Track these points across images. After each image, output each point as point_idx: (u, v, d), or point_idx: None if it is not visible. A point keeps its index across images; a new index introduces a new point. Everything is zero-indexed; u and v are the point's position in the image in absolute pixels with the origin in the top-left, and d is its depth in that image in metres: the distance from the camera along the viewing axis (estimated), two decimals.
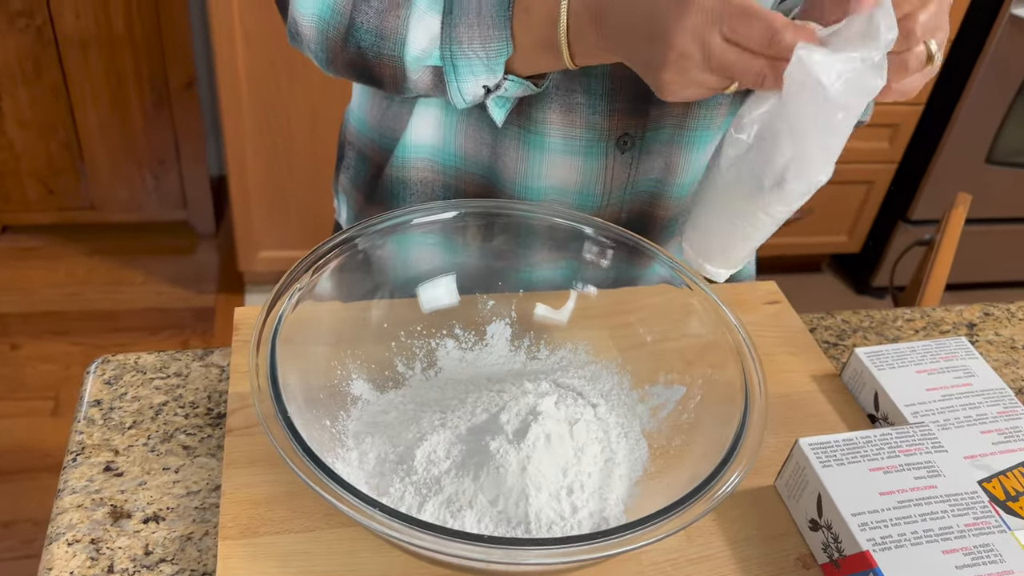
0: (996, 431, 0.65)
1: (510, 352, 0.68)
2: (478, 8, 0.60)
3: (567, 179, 0.74)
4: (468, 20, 0.60)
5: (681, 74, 0.53)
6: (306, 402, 0.55)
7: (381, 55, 0.64)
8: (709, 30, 0.50)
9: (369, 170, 0.82)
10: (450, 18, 0.61)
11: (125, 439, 0.63)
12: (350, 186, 0.85)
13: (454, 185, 0.77)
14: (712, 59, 0.51)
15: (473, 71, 0.62)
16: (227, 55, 1.70)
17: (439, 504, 0.53)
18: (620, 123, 0.71)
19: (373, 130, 0.80)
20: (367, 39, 0.64)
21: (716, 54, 0.51)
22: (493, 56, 0.61)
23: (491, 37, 0.60)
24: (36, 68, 1.91)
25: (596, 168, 0.73)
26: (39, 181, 2.09)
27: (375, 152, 0.80)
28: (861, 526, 0.54)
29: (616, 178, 0.74)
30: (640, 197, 0.77)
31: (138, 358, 0.69)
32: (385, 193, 0.80)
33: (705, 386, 0.61)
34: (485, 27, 0.60)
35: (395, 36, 0.63)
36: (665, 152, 0.74)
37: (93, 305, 2.10)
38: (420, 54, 0.62)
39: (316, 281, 0.59)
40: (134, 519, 0.57)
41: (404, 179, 0.78)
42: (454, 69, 0.62)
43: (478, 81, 0.62)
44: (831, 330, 0.81)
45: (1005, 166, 2.14)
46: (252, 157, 1.86)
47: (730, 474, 0.50)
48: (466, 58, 0.61)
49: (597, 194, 0.75)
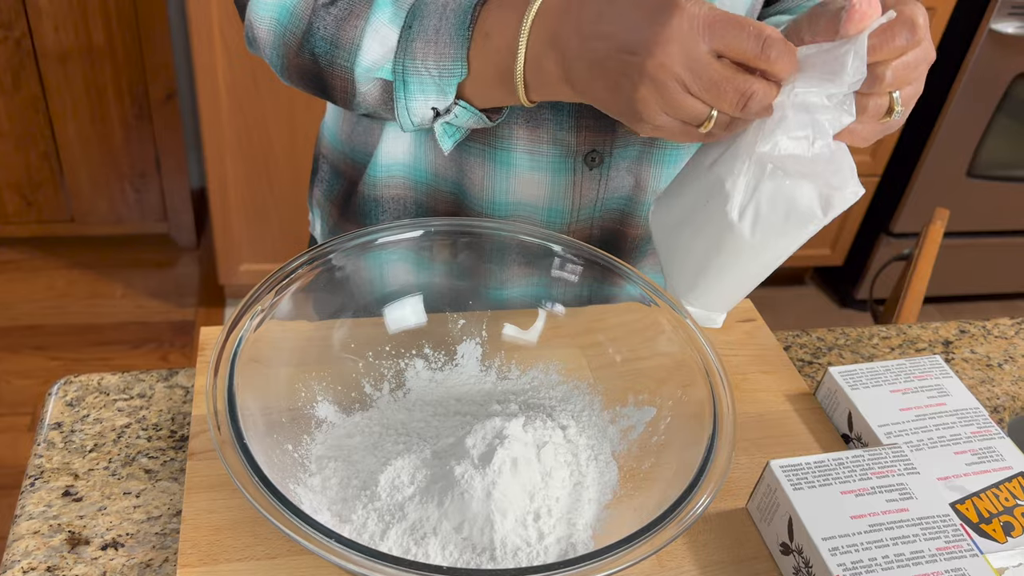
0: (970, 451, 0.64)
1: (481, 372, 0.67)
2: (438, 24, 0.58)
3: (535, 196, 0.73)
4: (426, 36, 0.58)
5: (659, 90, 0.48)
6: (267, 426, 0.54)
7: (334, 64, 0.62)
8: (694, 38, 0.47)
9: (342, 184, 0.81)
10: (409, 32, 0.58)
11: (86, 463, 0.61)
12: (324, 200, 0.84)
13: (426, 203, 0.76)
14: (696, 72, 0.47)
15: (424, 90, 0.59)
16: (207, 68, 1.69)
17: (402, 531, 0.52)
18: (587, 139, 0.70)
19: (345, 144, 0.79)
20: (322, 46, 0.62)
21: (702, 65, 0.47)
22: (446, 76, 0.58)
23: (446, 55, 0.57)
24: (15, 80, 1.90)
25: (564, 184, 0.73)
26: (18, 193, 2.07)
27: (347, 167, 0.80)
28: (832, 551, 0.53)
29: (585, 195, 0.74)
30: (611, 215, 0.76)
31: (101, 379, 0.68)
32: (357, 211, 0.79)
33: (675, 407, 0.60)
34: (442, 44, 0.57)
35: (349, 45, 0.60)
36: (635, 169, 0.74)
37: (73, 319, 2.07)
38: (371, 65, 0.60)
39: (280, 300, 0.58)
40: (92, 545, 0.56)
41: (376, 197, 0.77)
42: (404, 85, 0.59)
43: (427, 101, 0.60)
44: (806, 348, 0.80)
45: (986, 179, 2.15)
46: (232, 170, 1.84)
47: (698, 497, 0.49)
48: (418, 75, 0.58)
49: (566, 211, 0.74)
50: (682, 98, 0.48)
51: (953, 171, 2.11)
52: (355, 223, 0.80)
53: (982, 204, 2.18)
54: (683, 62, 0.47)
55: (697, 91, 0.48)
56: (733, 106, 0.48)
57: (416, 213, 0.77)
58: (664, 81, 0.48)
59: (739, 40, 0.47)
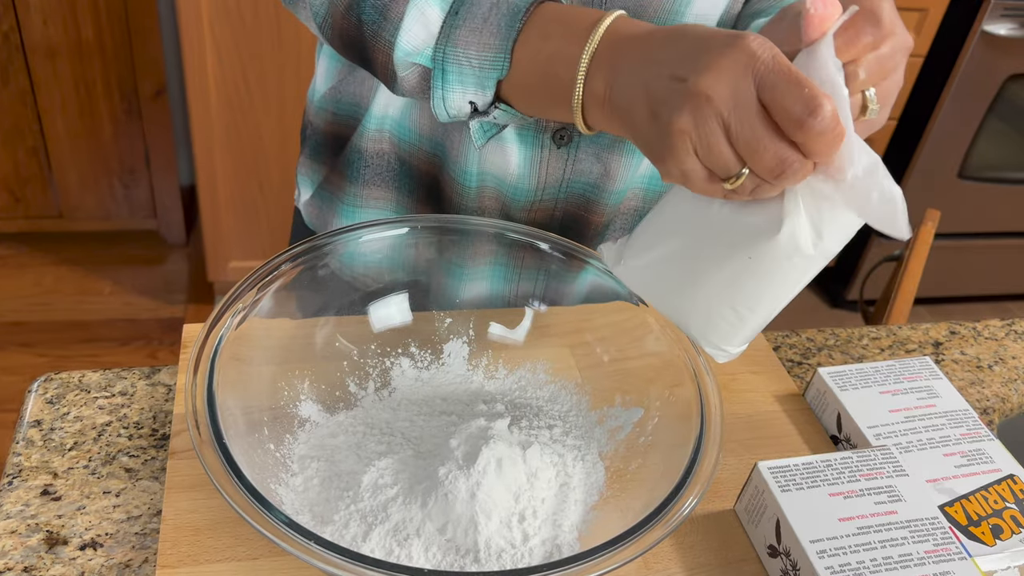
0: (959, 454, 0.64)
1: (467, 371, 0.66)
2: (487, 14, 0.53)
3: (502, 167, 0.71)
4: (472, 24, 0.53)
5: (697, 125, 0.43)
6: (248, 425, 0.53)
7: (378, 37, 0.57)
8: (747, 77, 0.42)
9: (325, 142, 0.80)
10: (455, 18, 0.54)
11: (65, 461, 0.60)
12: (311, 162, 0.83)
13: (408, 161, 0.75)
14: (740, 116, 0.42)
15: (463, 81, 0.55)
16: (197, 64, 1.68)
17: (385, 533, 0.51)
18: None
19: (329, 101, 0.78)
20: (369, 14, 0.57)
21: (747, 112, 0.42)
22: (486, 69, 0.53)
23: (488, 47, 0.53)
24: (3, 75, 1.88)
25: (530, 159, 0.70)
26: (5, 189, 2.05)
27: (332, 123, 0.78)
28: (820, 553, 0.53)
29: (551, 173, 0.72)
30: (575, 199, 0.74)
31: (83, 376, 0.67)
32: (343, 163, 0.78)
33: (663, 407, 0.60)
34: (487, 34, 0.53)
35: (396, 19, 0.55)
36: (603, 156, 0.72)
37: (60, 315, 2.06)
38: (412, 49, 0.55)
39: (262, 298, 0.57)
40: (71, 545, 0.55)
41: (362, 149, 0.76)
42: (443, 74, 0.55)
43: (466, 95, 0.55)
44: (795, 348, 0.80)
45: (977, 181, 2.15)
46: (221, 166, 1.83)
47: (685, 499, 0.49)
48: (458, 64, 0.54)
49: (531, 188, 0.72)
50: (718, 142, 0.43)
51: (944, 172, 2.12)
52: (342, 175, 0.78)
53: (973, 206, 2.19)
54: (729, 100, 0.42)
55: (735, 138, 0.43)
56: (767, 170, 0.43)
57: (398, 169, 0.75)
58: (705, 116, 0.43)
59: (790, 98, 0.41)
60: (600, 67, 0.49)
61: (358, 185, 0.77)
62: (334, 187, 0.80)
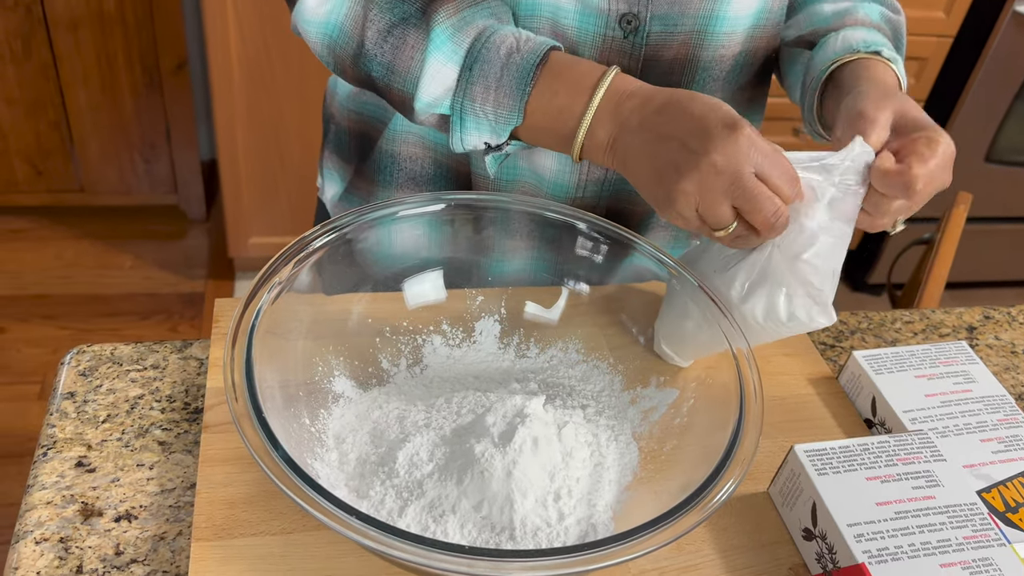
0: (996, 439, 0.63)
1: (499, 350, 0.66)
2: (499, 74, 0.59)
3: (541, 164, 0.72)
4: (486, 82, 0.60)
5: (702, 189, 0.52)
6: (284, 399, 0.53)
7: (391, 86, 0.64)
8: (748, 157, 0.52)
9: (355, 142, 0.80)
10: (469, 74, 0.60)
11: (99, 433, 0.61)
12: (339, 160, 0.83)
13: (444, 161, 0.75)
14: (740, 184, 0.52)
15: (479, 129, 0.61)
16: (219, 38, 1.67)
17: (421, 509, 0.51)
18: None
19: (354, 101, 0.78)
20: (378, 70, 0.63)
21: (747, 180, 0.52)
22: (502, 123, 0.60)
23: (504, 105, 0.60)
24: (25, 47, 1.88)
25: (569, 160, 0.70)
26: (27, 162, 2.06)
27: (358, 124, 0.78)
28: (857, 537, 0.53)
29: (592, 172, 0.72)
30: (619, 195, 0.74)
31: (114, 349, 0.67)
32: (374, 167, 0.78)
33: (699, 389, 0.59)
34: (502, 94, 0.59)
35: (407, 75, 0.62)
36: None
37: (81, 289, 2.07)
38: (432, 101, 0.62)
39: (298, 273, 0.57)
40: (105, 517, 0.55)
41: (394, 153, 0.76)
42: (461, 122, 0.61)
43: (481, 138, 0.62)
44: (828, 331, 0.79)
45: (1005, 165, 2.12)
46: (243, 142, 1.83)
47: (723, 483, 0.48)
48: (475, 116, 0.61)
49: (570, 185, 0.73)
50: (718, 202, 0.53)
51: (972, 156, 2.08)
52: (371, 180, 0.79)
53: (1001, 190, 2.16)
54: (733, 173, 0.52)
55: (736, 199, 0.52)
56: (765, 220, 0.53)
57: (432, 172, 0.76)
58: (711, 183, 0.52)
59: (779, 174, 0.53)
60: (603, 121, 0.58)
61: (391, 189, 0.78)
62: (364, 192, 0.80)
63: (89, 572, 0.52)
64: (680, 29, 0.66)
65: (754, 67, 0.74)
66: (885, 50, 0.66)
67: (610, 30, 0.65)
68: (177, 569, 0.53)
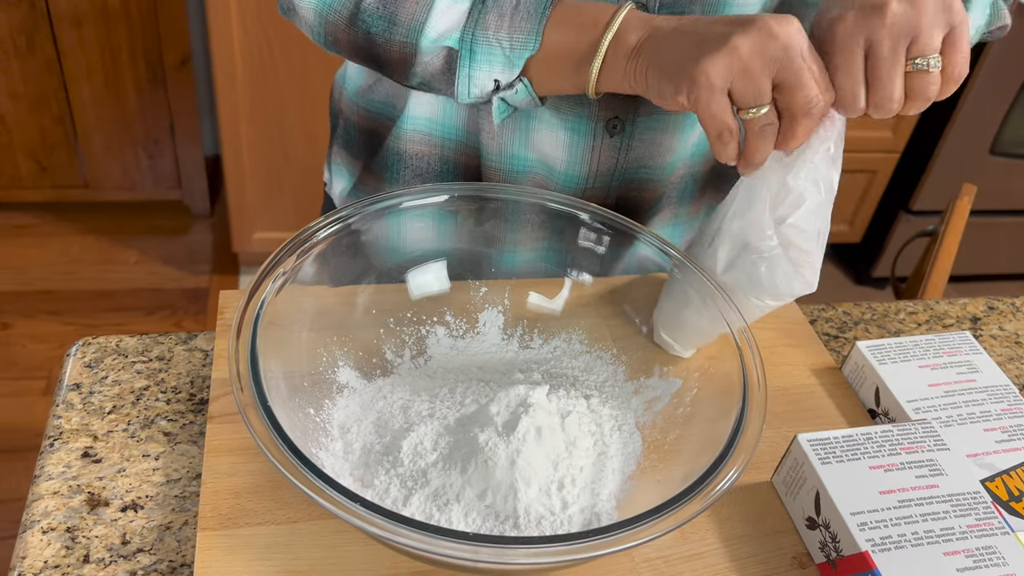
0: (1000, 429, 0.63)
1: (502, 340, 0.66)
2: (515, 1, 0.58)
3: (552, 155, 0.71)
4: (500, 10, 0.58)
5: (753, 49, 0.49)
6: (289, 390, 0.53)
7: (391, 40, 0.61)
8: (797, 39, 0.50)
9: (363, 139, 0.80)
10: (483, 5, 0.58)
11: (104, 424, 0.61)
12: (347, 156, 0.83)
13: (451, 157, 0.75)
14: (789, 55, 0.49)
15: (491, 61, 0.59)
16: (222, 33, 1.67)
17: (425, 497, 0.51)
18: (610, 104, 0.68)
19: (363, 98, 0.78)
20: (378, 24, 0.61)
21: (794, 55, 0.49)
22: (517, 48, 0.58)
23: (520, 28, 0.57)
24: (29, 42, 1.88)
25: (582, 148, 0.71)
26: (32, 157, 2.06)
27: (367, 121, 0.78)
28: (860, 526, 0.53)
29: (603, 162, 0.72)
30: (629, 184, 0.74)
31: (120, 340, 0.67)
32: (382, 164, 0.78)
33: (702, 379, 0.59)
34: (518, 18, 0.57)
35: (411, 22, 0.60)
36: (659, 139, 0.72)
37: (86, 284, 2.08)
38: (439, 36, 0.59)
39: (302, 264, 0.57)
40: (112, 507, 0.56)
41: (400, 151, 0.76)
42: (471, 55, 0.59)
43: (492, 73, 0.59)
44: (832, 322, 0.79)
45: (1009, 157, 2.11)
46: (247, 137, 1.83)
47: (726, 471, 0.48)
48: (488, 45, 0.58)
49: (581, 175, 0.72)
50: (761, 71, 0.49)
51: (976, 148, 2.08)
52: (379, 177, 0.79)
53: (1005, 182, 2.15)
54: (787, 39, 0.49)
55: (782, 71, 0.49)
56: (806, 100, 0.50)
57: (440, 168, 0.76)
58: (764, 44, 0.49)
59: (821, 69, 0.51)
60: (633, 26, 0.55)
61: (399, 186, 0.78)
62: (372, 188, 0.80)
63: (96, 561, 0.52)
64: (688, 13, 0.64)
65: None
66: None
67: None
68: (183, 558, 0.53)
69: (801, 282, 0.57)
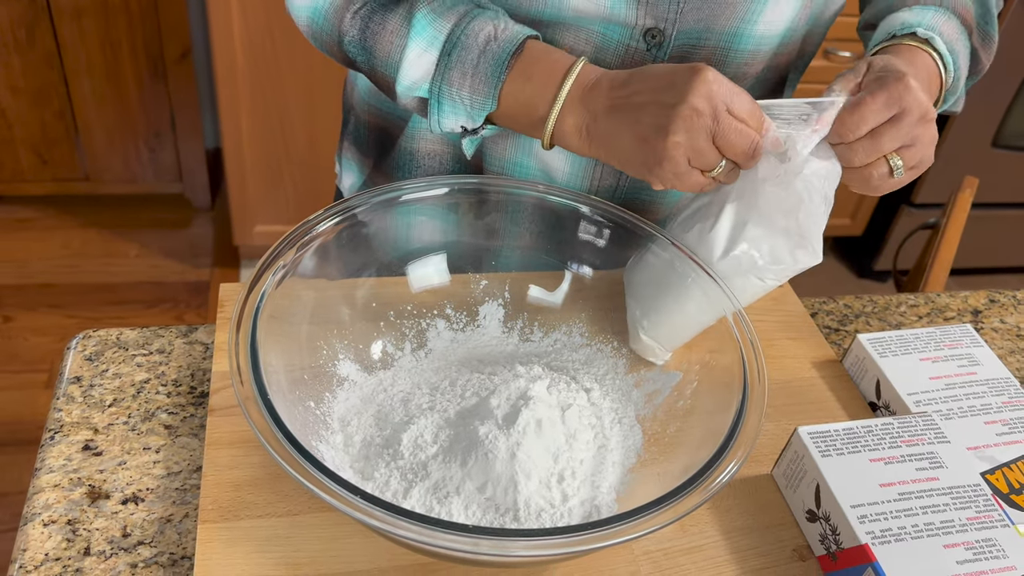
0: (1000, 422, 0.63)
1: (503, 334, 0.66)
2: (476, 61, 0.61)
3: (554, 167, 0.72)
4: (463, 68, 0.61)
5: (690, 136, 0.54)
6: (289, 383, 0.53)
7: (374, 70, 0.66)
8: (719, 96, 0.54)
9: (374, 137, 0.80)
10: (447, 60, 0.62)
11: (105, 417, 0.61)
12: (357, 152, 0.83)
13: (463, 157, 0.75)
14: (720, 120, 0.54)
15: (455, 112, 0.63)
16: (223, 25, 1.67)
17: (425, 490, 0.51)
18: None
19: (374, 96, 0.78)
20: (360, 56, 0.65)
21: (725, 116, 0.54)
22: (477, 108, 0.62)
23: (479, 91, 0.61)
24: (29, 36, 1.88)
25: (583, 163, 0.72)
26: (32, 151, 2.06)
27: (378, 119, 0.78)
28: (860, 518, 0.53)
29: (603, 179, 0.73)
30: (631, 203, 0.75)
31: (120, 334, 0.67)
32: (393, 164, 0.78)
33: (702, 372, 0.59)
34: (478, 80, 0.61)
35: (387, 60, 0.64)
36: None
37: (88, 278, 2.08)
38: (411, 85, 0.64)
39: (301, 257, 0.57)
40: (112, 500, 0.56)
41: (413, 151, 0.76)
42: (438, 105, 0.63)
43: (458, 121, 0.64)
44: (833, 315, 0.79)
45: (1012, 150, 2.11)
46: (248, 130, 1.83)
47: (726, 464, 0.48)
48: (452, 100, 0.62)
49: (582, 189, 0.73)
50: (706, 145, 0.54)
51: (978, 141, 2.08)
52: (390, 176, 0.79)
53: (1007, 175, 2.15)
54: (712, 110, 0.54)
55: (717, 137, 0.54)
56: (743, 153, 0.55)
57: (453, 168, 0.76)
58: (697, 128, 0.54)
59: (747, 108, 0.55)
60: (572, 109, 0.59)
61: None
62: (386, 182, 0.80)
63: (97, 554, 0.52)
64: (704, 44, 0.66)
65: (774, 81, 0.73)
66: (921, 29, 0.63)
67: (634, 41, 0.65)
68: (184, 551, 0.53)
69: (807, 251, 0.57)
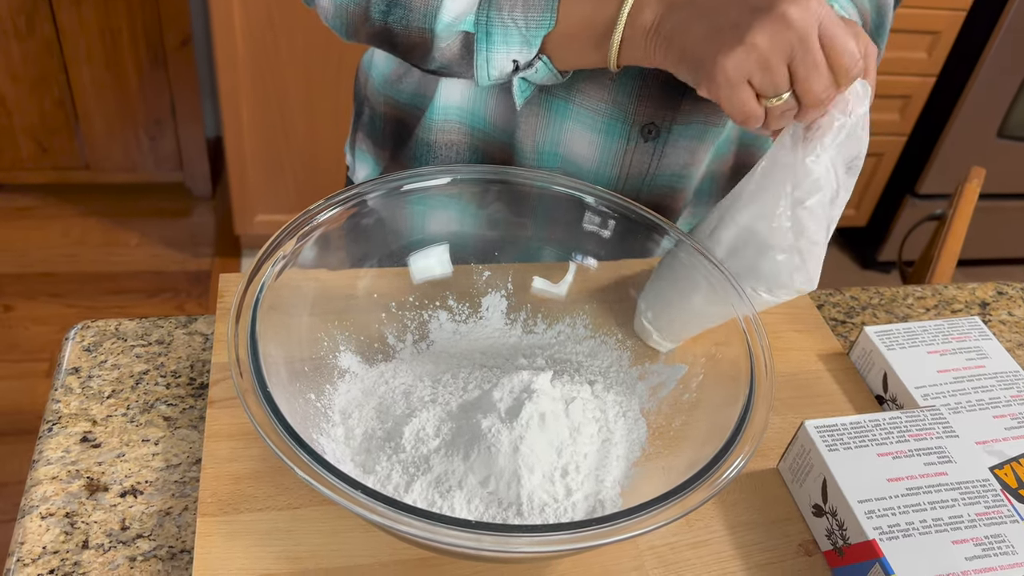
0: (1009, 415, 0.62)
1: (506, 325, 0.65)
2: None
3: (584, 155, 0.70)
4: None
5: (772, 41, 0.48)
6: (289, 375, 0.52)
7: (409, 27, 0.61)
8: (816, 18, 0.49)
9: (390, 128, 0.78)
10: None
11: (104, 409, 0.60)
12: (372, 144, 0.82)
13: (481, 148, 0.74)
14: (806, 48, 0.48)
15: (507, 41, 0.58)
16: (223, 13, 1.65)
17: (427, 484, 0.50)
18: (647, 109, 0.67)
19: (391, 87, 0.77)
20: (394, 13, 0.61)
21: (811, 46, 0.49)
22: (533, 27, 0.57)
23: (535, 6, 0.56)
24: (29, 23, 1.87)
25: (615, 151, 0.70)
26: (32, 139, 2.05)
27: (394, 110, 0.77)
28: (868, 513, 0.52)
29: (635, 166, 0.71)
30: (659, 190, 0.73)
31: (119, 324, 0.67)
32: (410, 156, 0.77)
33: (708, 364, 0.58)
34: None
35: (425, 8, 0.59)
36: (692, 147, 0.71)
37: (88, 267, 2.07)
38: (453, 20, 0.59)
39: (302, 248, 0.56)
40: (111, 492, 0.55)
41: (430, 141, 0.75)
42: (487, 37, 0.58)
43: (510, 54, 0.58)
44: (839, 307, 0.78)
45: (1017, 140, 2.09)
46: (248, 118, 1.82)
47: (732, 459, 0.47)
48: (503, 26, 0.57)
49: (612, 178, 0.71)
50: (780, 62, 0.49)
51: (984, 131, 2.06)
52: (407, 167, 0.78)
53: (1013, 166, 2.13)
54: (803, 28, 0.48)
55: (796, 62, 0.49)
56: (815, 94, 0.50)
57: (469, 159, 0.75)
58: (782, 37, 0.48)
59: (845, 44, 0.49)
60: (648, 2, 0.54)
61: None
62: None
63: (95, 547, 0.52)
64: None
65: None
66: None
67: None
68: (183, 544, 0.52)
69: (803, 276, 0.56)
